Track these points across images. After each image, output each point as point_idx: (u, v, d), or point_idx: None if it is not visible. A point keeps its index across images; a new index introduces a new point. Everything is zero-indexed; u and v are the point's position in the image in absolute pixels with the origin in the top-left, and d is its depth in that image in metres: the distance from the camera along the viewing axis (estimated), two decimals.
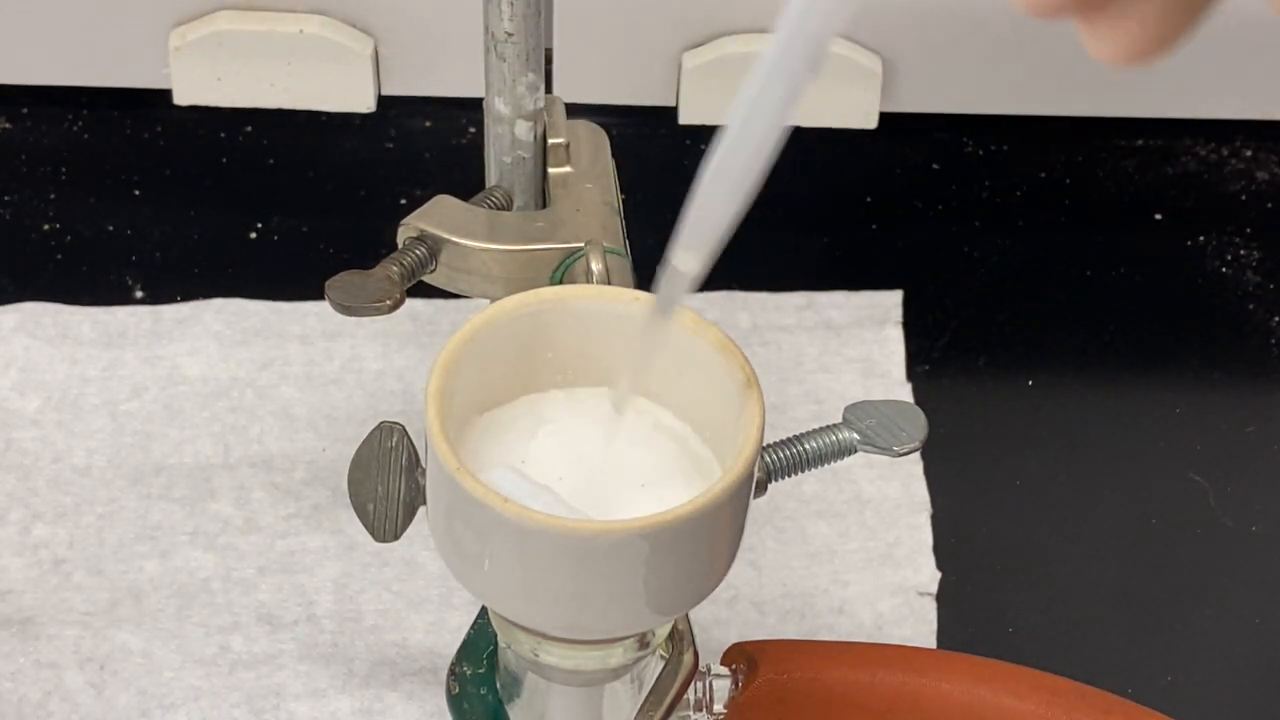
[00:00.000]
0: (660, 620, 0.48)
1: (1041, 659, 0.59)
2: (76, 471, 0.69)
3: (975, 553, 0.69)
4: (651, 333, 0.44)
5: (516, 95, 0.56)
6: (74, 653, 0.64)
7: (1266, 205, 0.80)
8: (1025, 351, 0.75)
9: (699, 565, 0.46)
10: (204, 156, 0.80)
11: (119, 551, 0.67)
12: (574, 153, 0.58)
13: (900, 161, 0.81)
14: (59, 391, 0.71)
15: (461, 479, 0.44)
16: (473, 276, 0.57)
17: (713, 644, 0.63)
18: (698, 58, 0.79)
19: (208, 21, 0.78)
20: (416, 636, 0.65)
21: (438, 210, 0.57)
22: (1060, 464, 0.71)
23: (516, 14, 0.55)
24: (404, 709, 0.64)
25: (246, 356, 0.73)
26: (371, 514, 0.49)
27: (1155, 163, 0.81)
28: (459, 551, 0.46)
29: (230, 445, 0.70)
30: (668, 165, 0.80)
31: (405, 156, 0.80)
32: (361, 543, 0.67)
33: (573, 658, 0.49)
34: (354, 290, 0.54)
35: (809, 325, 0.74)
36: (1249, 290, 0.77)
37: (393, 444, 0.49)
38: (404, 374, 0.72)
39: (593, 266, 0.55)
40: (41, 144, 0.80)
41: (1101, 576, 0.68)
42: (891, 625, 0.66)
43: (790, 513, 0.69)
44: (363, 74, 0.79)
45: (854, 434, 0.51)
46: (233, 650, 0.65)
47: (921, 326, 0.75)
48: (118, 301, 0.74)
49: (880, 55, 0.79)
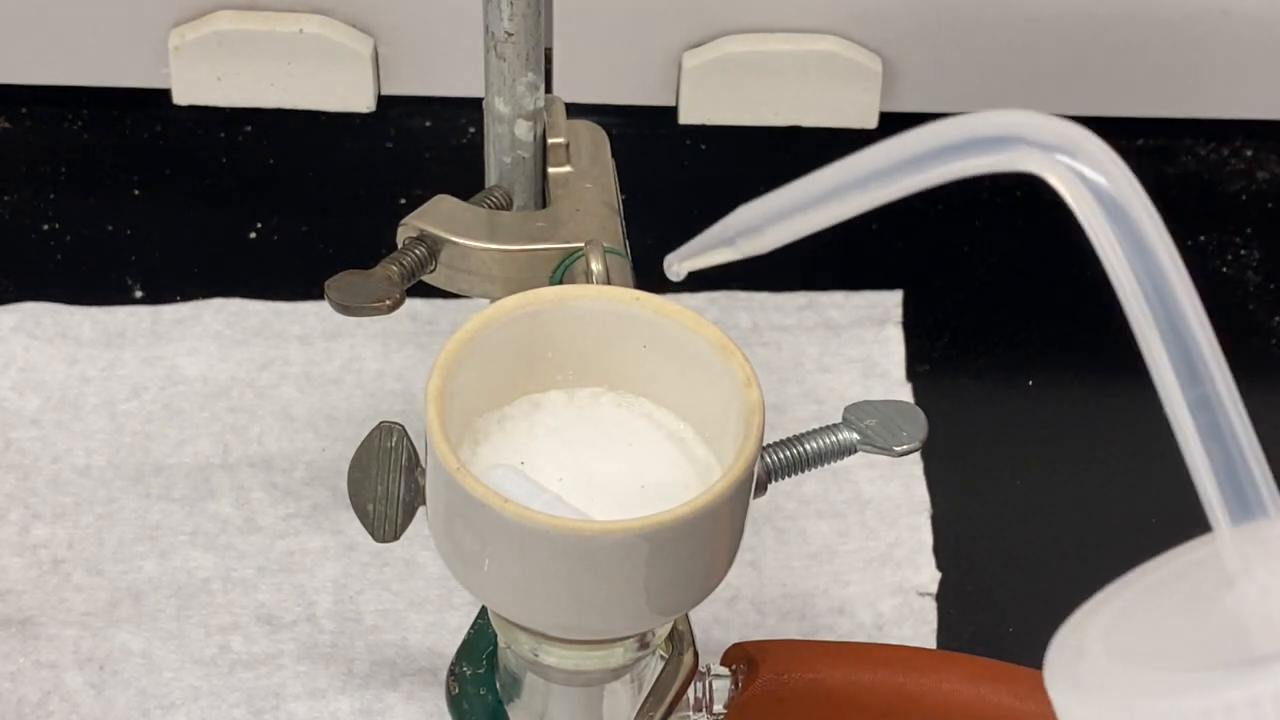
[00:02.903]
0: (660, 620, 0.48)
1: (1041, 659, 0.59)
2: (76, 471, 0.69)
3: (975, 553, 0.69)
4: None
5: (516, 95, 0.56)
6: (73, 653, 0.64)
7: (1266, 205, 0.80)
8: (1025, 351, 0.75)
9: (699, 565, 0.46)
10: (204, 156, 0.80)
11: (118, 552, 0.67)
12: (574, 153, 0.58)
13: None
14: (58, 391, 0.71)
15: (461, 479, 0.44)
16: (473, 276, 0.57)
17: (713, 644, 0.63)
18: (698, 58, 0.79)
19: (207, 21, 0.78)
20: (416, 636, 0.65)
21: (438, 210, 0.57)
22: (1060, 464, 0.71)
23: (516, 14, 0.55)
24: (404, 709, 0.63)
25: (246, 356, 0.72)
26: (371, 514, 0.49)
27: (1155, 163, 0.81)
28: (459, 552, 0.46)
29: (230, 445, 0.70)
30: (668, 165, 0.80)
31: (405, 156, 0.80)
32: (361, 543, 0.67)
33: (572, 658, 0.49)
34: (354, 290, 0.54)
35: (809, 325, 0.74)
36: (1249, 290, 0.77)
37: (392, 444, 0.49)
38: (404, 374, 0.72)
39: (593, 266, 0.55)
40: (41, 144, 0.80)
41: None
42: (891, 625, 0.66)
43: (790, 513, 0.69)
44: (362, 74, 0.79)
45: (854, 434, 0.51)
46: (232, 650, 0.65)
47: (921, 326, 0.75)
48: (117, 301, 0.74)
49: (880, 55, 0.79)
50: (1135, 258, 0.34)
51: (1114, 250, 0.34)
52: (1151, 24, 0.79)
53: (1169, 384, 0.34)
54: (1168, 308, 0.34)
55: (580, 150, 0.59)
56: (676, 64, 0.80)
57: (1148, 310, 0.34)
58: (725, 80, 0.79)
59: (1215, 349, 0.34)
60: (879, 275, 0.76)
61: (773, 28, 0.79)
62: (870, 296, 0.75)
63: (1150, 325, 0.34)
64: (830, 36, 0.79)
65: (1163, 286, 0.34)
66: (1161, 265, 0.34)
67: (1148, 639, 0.34)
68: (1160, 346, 0.34)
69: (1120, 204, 0.34)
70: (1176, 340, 0.34)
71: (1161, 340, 0.34)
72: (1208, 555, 0.34)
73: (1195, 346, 0.34)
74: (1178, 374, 0.34)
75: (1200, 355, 0.34)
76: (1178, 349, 0.34)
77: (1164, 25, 0.79)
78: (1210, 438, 0.34)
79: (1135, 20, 0.79)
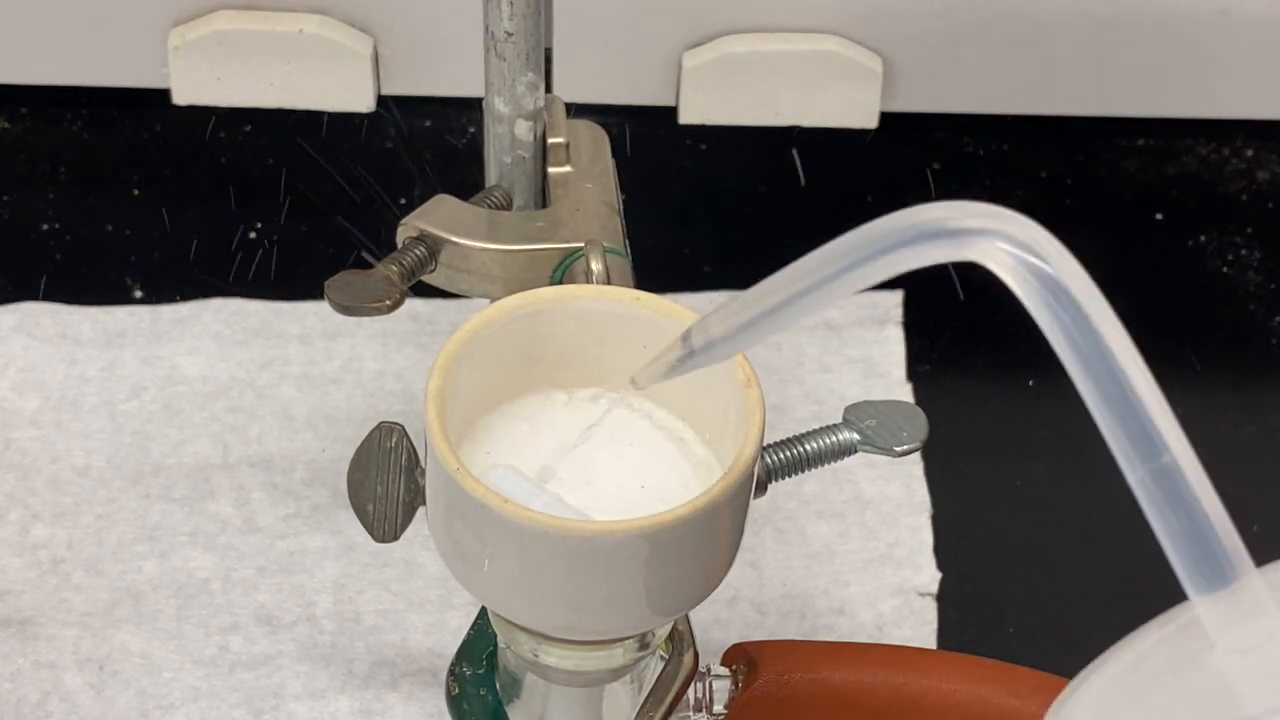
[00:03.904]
0: (660, 621, 0.48)
1: (1041, 659, 0.59)
2: (75, 471, 0.69)
3: (975, 553, 0.69)
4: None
5: (516, 95, 0.56)
6: (73, 653, 0.64)
7: (1267, 205, 0.80)
8: (1025, 351, 0.75)
9: (699, 566, 0.46)
10: (203, 156, 0.80)
11: (118, 552, 0.67)
12: (574, 152, 0.58)
13: (900, 161, 0.81)
14: (58, 391, 0.71)
15: (461, 479, 0.44)
16: (473, 276, 0.57)
17: (713, 644, 0.63)
18: (698, 58, 0.79)
19: (207, 21, 0.78)
20: (416, 637, 0.65)
21: (438, 210, 0.57)
22: (1060, 464, 0.71)
23: (516, 13, 0.55)
24: (404, 709, 0.63)
25: (246, 356, 0.72)
26: (371, 514, 0.49)
27: (1155, 163, 0.81)
28: (459, 552, 0.46)
29: (229, 445, 0.70)
30: (668, 165, 0.80)
31: (405, 156, 0.80)
32: (361, 543, 0.67)
33: (572, 658, 0.49)
34: (354, 290, 0.54)
35: (809, 325, 0.74)
36: (1249, 290, 0.77)
37: (392, 444, 0.49)
38: (404, 374, 0.72)
39: (593, 266, 0.55)
40: (41, 144, 0.80)
41: (1101, 576, 0.68)
42: (891, 625, 0.66)
43: (790, 513, 0.69)
44: (362, 74, 0.79)
45: (854, 434, 0.51)
46: (232, 651, 0.65)
47: (921, 326, 0.75)
48: (117, 301, 0.74)
49: (880, 55, 0.79)
50: (1081, 340, 0.35)
51: (1058, 334, 0.35)
52: (1151, 24, 0.79)
53: (1127, 460, 0.34)
54: (1118, 385, 0.35)
55: (580, 150, 0.59)
56: (676, 64, 0.80)
57: (1096, 390, 0.35)
58: (725, 80, 0.79)
59: (1169, 418, 0.34)
60: None
61: (773, 28, 0.79)
62: (870, 296, 0.75)
63: (1102, 405, 0.34)
64: (830, 36, 0.79)
65: (1110, 364, 0.35)
66: (1110, 344, 0.35)
67: (1137, 713, 0.35)
68: (1116, 425, 0.34)
69: (1062, 286, 0.35)
70: (1130, 415, 0.34)
71: (1117, 418, 0.34)
72: (1186, 623, 0.34)
73: (1148, 419, 0.34)
74: (1135, 450, 0.34)
75: (1154, 427, 0.34)
76: (1133, 424, 0.34)
77: (1164, 25, 0.79)
78: (1173, 509, 0.34)
79: (1135, 20, 0.79)
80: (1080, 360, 0.35)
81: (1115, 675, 0.36)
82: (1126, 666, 0.36)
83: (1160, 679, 0.35)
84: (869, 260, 0.38)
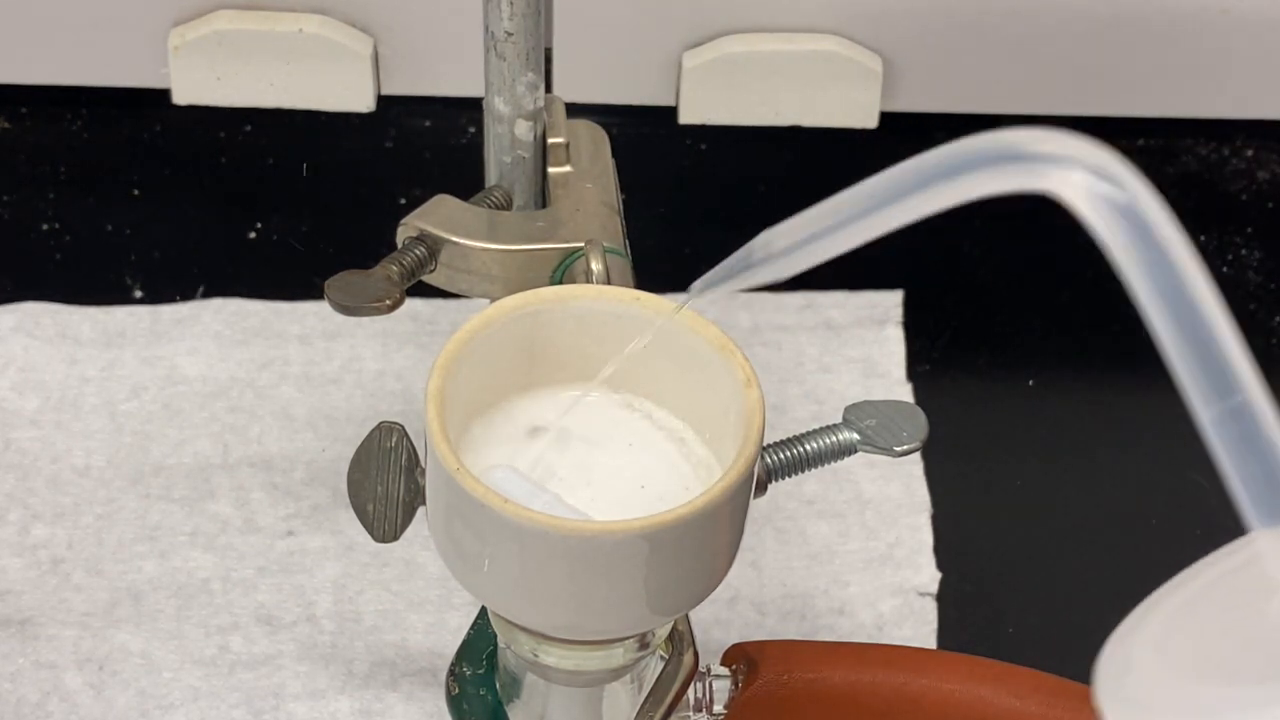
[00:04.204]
0: (660, 621, 0.48)
1: (1041, 659, 0.59)
2: (75, 472, 0.69)
3: (975, 553, 0.69)
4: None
5: (516, 95, 0.56)
6: (73, 653, 0.64)
7: (1267, 205, 0.80)
8: (1025, 351, 0.75)
9: (699, 565, 0.46)
10: (203, 156, 0.80)
11: (118, 552, 0.67)
12: (574, 152, 0.58)
13: (900, 161, 0.81)
14: (58, 391, 0.71)
15: (461, 479, 0.44)
16: (473, 276, 0.57)
17: (713, 644, 0.63)
18: (698, 58, 0.79)
19: (207, 21, 0.78)
20: (416, 637, 0.65)
21: (438, 210, 0.57)
22: (1060, 464, 0.71)
23: (516, 13, 0.55)
24: (404, 709, 0.63)
25: (246, 356, 0.72)
26: (371, 514, 0.49)
27: (1155, 163, 0.81)
28: (459, 552, 0.46)
29: (229, 445, 0.70)
30: (668, 165, 0.80)
31: (405, 156, 0.80)
32: (361, 543, 0.67)
33: (573, 658, 0.49)
34: (354, 290, 0.54)
35: (809, 325, 0.74)
36: (1249, 290, 0.77)
37: (392, 444, 0.49)
38: (403, 374, 0.72)
39: (593, 266, 0.55)
40: (41, 144, 0.80)
41: (1101, 576, 0.68)
42: (891, 625, 0.66)
43: (790, 513, 0.69)
44: (362, 74, 0.79)
45: (854, 434, 0.51)
46: (232, 651, 0.65)
47: (921, 326, 0.75)
48: (117, 301, 0.74)
49: (880, 55, 0.79)
50: (1160, 276, 0.34)
51: (1134, 267, 0.34)
52: (1151, 24, 0.79)
53: (1202, 398, 0.34)
54: (1196, 323, 0.34)
55: (580, 150, 0.59)
56: (676, 64, 0.80)
57: (1174, 327, 0.34)
58: (725, 80, 0.79)
59: (1244, 359, 0.34)
60: (879, 275, 0.76)
61: (773, 28, 0.79)
62: (870, 296, 0.75)
63: (1179, 342, 0.34)
64: (830, 36, 0.79)
65: (1189, 302, 0.34)
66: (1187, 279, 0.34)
67: (1195, 650, 0.34)
68: (1193, 362, 0.34)
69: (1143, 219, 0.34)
70: (1208, 354, 0.34)
71: (1194, 356, 0.33)
72: (1246, 560, 0.34)
73: (1224, 358, 0.34)
74: (1211, 388, 0.33)
75: (1230, 367, 0.33)
76: (1210, 363, 0.33)
77: (1164, 25, 0.79)
78: (1246, 447, 0.34)
79: (1135, 20, 0.79)
80: (1158, 296, 0.34)
81: (1174, 608, 0.36)
82: (1186, 601, 0.36)
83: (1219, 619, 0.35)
84: (938, 182, 0.36)
